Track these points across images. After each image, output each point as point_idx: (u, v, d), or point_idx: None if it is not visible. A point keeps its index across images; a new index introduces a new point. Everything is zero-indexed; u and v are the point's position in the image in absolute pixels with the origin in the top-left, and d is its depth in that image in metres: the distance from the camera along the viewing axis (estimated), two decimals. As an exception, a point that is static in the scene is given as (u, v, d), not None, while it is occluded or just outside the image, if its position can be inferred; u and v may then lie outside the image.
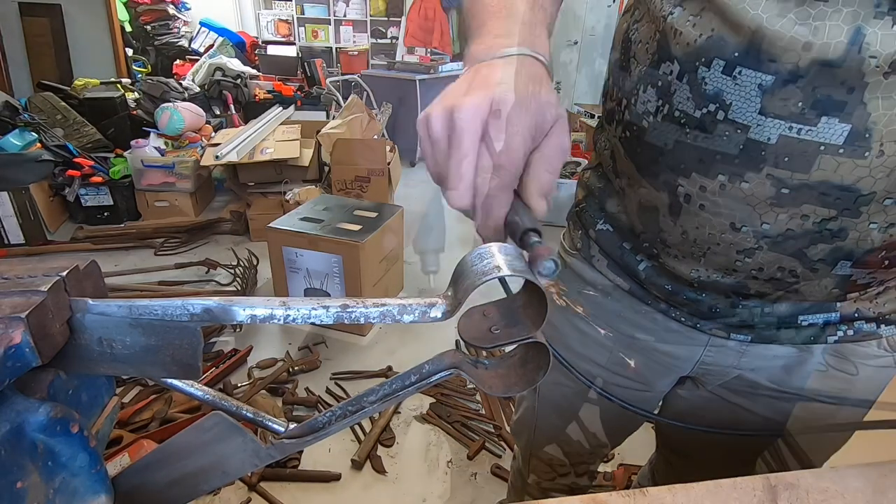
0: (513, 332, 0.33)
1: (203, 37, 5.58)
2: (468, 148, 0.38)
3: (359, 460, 1.56)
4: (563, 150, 0.40)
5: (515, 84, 0.38)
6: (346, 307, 0.31)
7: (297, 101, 4.22)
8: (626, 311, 0.67)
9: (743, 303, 0.57)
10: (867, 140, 0.41)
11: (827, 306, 0.56)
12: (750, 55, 0.42)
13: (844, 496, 0.44)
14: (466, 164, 0.38)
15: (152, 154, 3.04)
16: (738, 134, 0.44)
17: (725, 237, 0.50)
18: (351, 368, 1.96)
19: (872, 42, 0.38)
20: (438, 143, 0.40)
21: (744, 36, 0.42)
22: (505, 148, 0.37)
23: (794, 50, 0.40)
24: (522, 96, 0.38)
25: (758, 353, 0.62)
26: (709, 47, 0.44)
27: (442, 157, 0.40)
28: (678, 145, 0.49)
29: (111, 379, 0.37)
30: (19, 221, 2.71)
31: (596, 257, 0.68)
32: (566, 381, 0.79)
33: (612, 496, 0.44)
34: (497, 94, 0.37)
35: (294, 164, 2.98)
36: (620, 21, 0.58)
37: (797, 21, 0.39)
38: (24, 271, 0.30)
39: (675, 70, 0.47)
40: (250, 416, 0.38)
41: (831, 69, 0.39)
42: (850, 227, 0.45)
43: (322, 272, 2.09)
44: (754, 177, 0.45)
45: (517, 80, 0.38)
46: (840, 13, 0.38)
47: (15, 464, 0.27)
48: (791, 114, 0.42)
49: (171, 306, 0.29)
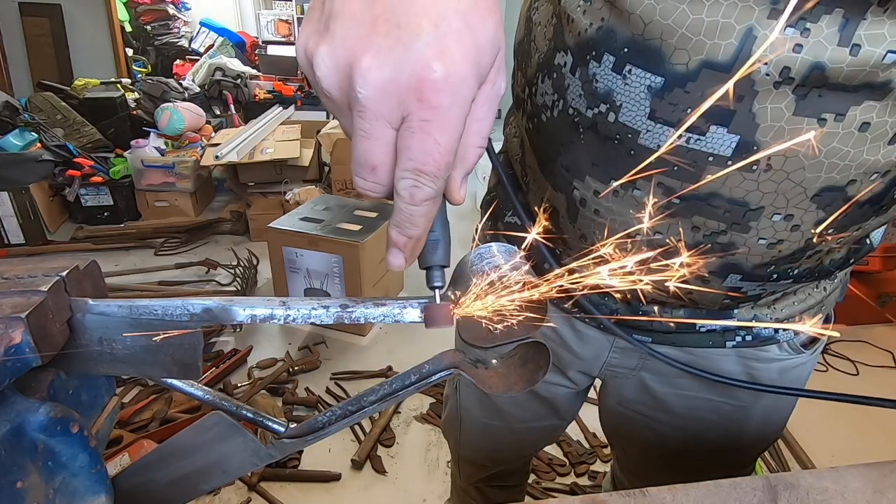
0: (513, 332, 0.33)
1: (203, 37, 5.58)
2: (376, 134, 0.27)
3: (359, 460, 1.56)
4: (497, 99, 0.30)
5: (448, 26, 0.25)
6: (346, 307, 0.31)
7: (297, 101, 4.22)
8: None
9: (643, 308, 0.57)
10: (754, 152, 0.38)
11: (725, 313, 0.56)
12: (639, 52, 0.38)
13: (844, 496, 0.44)
14: (377, 154, 0.27)
15: (152, 154, 3.04)
16: (630, 139, 0.42)
17: (620, 244, 0.49)
18: (351, 368, 1.96)
19: (762, 46, 0.34)
20: (336, 105, 0.28)
21: (634, 29, 0.38)
22: (433, 150, 0.26)
23: (683, 49, 0.37)
24: (461, 56, 0.25)
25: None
26: (599, 39, 0.40)
27: (345, 123, 0.29)
28: (572, 146, 0.46)
29: (111, 379, 0.37)
30: (19, 221, 2.71)
31: None
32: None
33: (612, 496, 0.44)
34: (421, 66, 0.25)
35: (294, 164, 2.98)
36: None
37: (690, 14, 0.35)
38: (24, 271, 0.30)
39: (568, 62, 0.43)
40: (250, 416, 0.38)
41: (720, 74, 0.36)
42: (739, 241, 0.44)
43: (322, 272, 2.09)
44: (645, 185, 0.43)
45: (450, 11, 0.25)
46: (735, 7, 0.34)
47: (15, 464, 0.27)
48: (680, 121, 0.39)
49: (171, 306, 0.29)
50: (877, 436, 1.67)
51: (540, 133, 0.50)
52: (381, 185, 0.29)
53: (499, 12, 0.28)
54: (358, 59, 0.25)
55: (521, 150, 0.59)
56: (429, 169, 0.27)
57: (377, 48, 0.25)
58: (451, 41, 0.25)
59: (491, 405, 0.80)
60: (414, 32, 0.25)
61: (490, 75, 0.28)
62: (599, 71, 0.41)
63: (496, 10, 0.27)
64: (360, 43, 0.25)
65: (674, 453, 0.72)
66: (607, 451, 1.63)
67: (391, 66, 0.25)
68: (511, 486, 1.05)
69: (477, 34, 0.26)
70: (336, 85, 0.27)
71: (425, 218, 0.29)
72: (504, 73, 0.30)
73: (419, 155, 0.27)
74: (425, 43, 0.25)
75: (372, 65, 0.25)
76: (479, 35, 0.26)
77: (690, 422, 0.68)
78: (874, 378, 1.94)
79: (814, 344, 0.63)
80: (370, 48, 0.25)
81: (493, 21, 0.27)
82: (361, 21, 0.25)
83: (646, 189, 0.44)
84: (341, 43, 0.26)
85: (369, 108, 0.26)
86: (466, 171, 0.31)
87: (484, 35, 0.26)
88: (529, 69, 0.49)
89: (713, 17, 0.35)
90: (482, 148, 0.31)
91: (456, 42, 0.25)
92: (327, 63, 0.26)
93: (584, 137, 0.45)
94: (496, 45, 0.28)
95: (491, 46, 0.27)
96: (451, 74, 0.25)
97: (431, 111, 0.26)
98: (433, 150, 0.26)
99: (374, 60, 0.25)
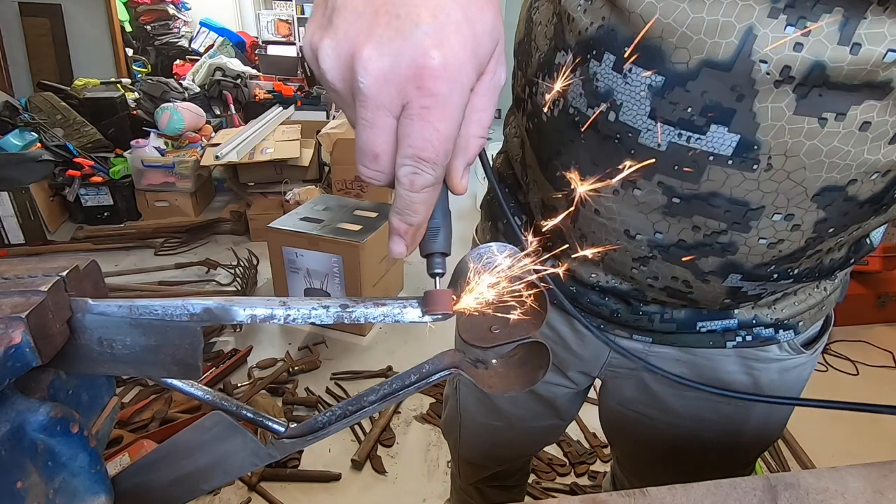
0: (513, 332, 0.33)
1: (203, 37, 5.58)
2: (377, 123, 0.27)
3: (359, 460, 1.56)
4: (498, 90, 0.30)
5: (447, 17, 0.26)
6: (346, 307, 0.31)
7: (297, 101, 4.22)
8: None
9: (643, 308, 0.57)
10: (755, 152, 0.38)
11: (725, 313, 0.56)
12: (640, 51, 0.38)
13: (844, 496, 0.44)
14: (379, 142, 0.28)
15: (152, 154, 3.03)
16: (630, 138, 0.42)
17: (621, 244, 0.49)
18: (351, 368, 1.96)
19: (763, 44, 0.34)
20: (340, 97, 0.29)
21: (635, 28, 0.38)
22: (432, 136, 0.27)
23: (683, 48, 0.37)
24: (460, 45, 0.26)
25: (662, 356, 0.63)
26: (600, 38, 0.40)
27: (349, 113, 0.29)
28: (573, 145, 0.46)
29: (111, 379, 0.37)
30: (19, 221, 2.71)
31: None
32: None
33: (612, 496, 0.44)
34: (420, 53, 0.25)
35: (294, 164, 2.98)
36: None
37: (690, 12, 0.36)
38: (24, 271, 0.30)
39: (569, 61, 0.44)
40: (250, 416, 0.38)
41: (721, 73, 0.36)
42: (739, 241, 0.44)
43: (322, 272, 2.08)
44: (646, 184, 0.43)
45: (449, 3, 0.26)
46: (735, 6, 0.34)
47: (15, 464, 0.27)
48: (680, 120, 0.39)
49: (171, 306, 0.29)
50: (877, 436, 1.68)
51: (540, 133, 0.50)
52: (383, 174, 0.30)
53: (497, 5, 0.29)
54: (359, 50, 0.26)
55: (522, 151, 0.59)
56: (428, 155, 0.27)
57: (377, 39, 0.26)
58: (450, 31, 0.26)
59: (491, 405, 0.80)
60: (413, 23, 0.25)
61: (489, 66, 0.29)
62: (600, 70, 0.41)
63: (494, 3, 0.28)
64: (362, 34, 0.26)
65: (674, 453, 0.72)
66: (607, 451, 1.63)
67: (391, 56, 0.26)
68: (511, 487, 1.05)
69: (475, 24, 0.27)
70: (339, 77, 0.27)
71: (425, 205, 0.30)
72: (504, 65, 0.30)
73: (418, 142, 0.27)
74: (424, 33, 0.25)
75: (372, 55, 0.26)
76: (476, 25, 0.27)
77: (690, 421, 0.68)
78: (874, 378, 1.94)
79: (814, 344, 0.62)
80: (371, 39, 0.26)
81: (490, 13, 0.28)
82: (363, 14, 0.26)
83: (647, 188, 0.44)
84: (343, 35, 0.26)
85: (370, 97, 0.26)
86: (468, 161, 0.32)
87: (482, 25, 0.27)
88: (530, 69, 0.49)
89: (713, 15, 0.35)
90: (483, 138, 0.31)
91: (454, 32, 0.26)
92: (330, 55, 0.27)
93: (585, 137, 0.45)
94: (494, 37, 0.28)
95: (489, 37, 0.28)
96: (450, 62, 0.26)
97: (430, 98, 0.26)
98: (432, 136, 0.27)
99: (375, 50, 0.26)
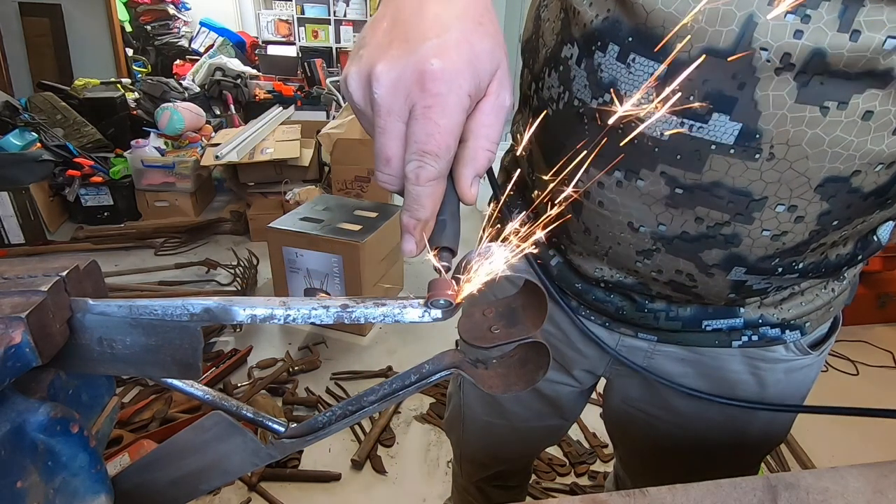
0: (512, 332, 0.33)
1: (203, 37, 5.58)
2: (389, 128, 0.31)
3: (359, 460, 1.56)
4: (503, 110, 0.33)
5: (448, 37, 0.30)
6: (346, 307, 0.30)
7: (297, 101, 4.22)
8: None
9: (649, 305, 0.57)
10: (757, 140, 0.38)
11: (731, 311, 0.56)
12: (643, 41, 0.39)
13: (844, 496, 0.44)
14: (391, 146, 0.32)
15: (152, 154, 3.03)
16: (633, 127, 0.42)
17: (625, 237, 0.49)
18: (351, 368, 1.96)
19: (763, 32, 0.35)
20: (362, 114, 0.34)
21: (638, 18, 0.39)
22: (434, 131, 0.30)
23: (685, 37, 0.37)
24: (458, 56, 0.30)
25: (667, 354, 0.62)
26: (604, 30, 0.41)
27: (369, 128, 0.34)
28: (577, 137, 0.47)
29: (111, 379, 0.37)
30: (19, 221, 2.71)
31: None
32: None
33: (612, 496, 0.44)
34: (422, 62, 0.30)
35: (294, 164, 2.98)
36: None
37: (692, 1, 0.36)
38: (24, 271, 0.30)
39: (574, 54, 0.44)
40: (250, 416, 0.38)
41: (722, 61, 0.36)
42: (742, 233, 0.44)
43: (322, 272, 2.08)
44: (649, 174, 0.44)
45: (451, 28, 0.31)
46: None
47: (15, 464, 0.27)
48: (683, 108, 0.40)
49: (171, 306, 0.29)
50: (877, 436, 1.68)
51: (546, 127, 0.51)
52: (395, 177, 0.33)
53: (499, 37, 0.33)
54: (374, 68, 0.31)
55: (528, 148, 0.59)
56: (430, 148, 0.31)
57: (389, 57, 0.31)
58: (450, 46, 0.30)
59: (494, 404, 0.80)
60: (419, 41, 0.30)
61: (492, 87, 0.33)
62: (604, 60, 0.42)
63: (497, 36, 0.32)
64: (377, 57, 0.31)
65: (677, 453, 0.72)
66: (607, 451, 1.63)
67: (399, 69, 0.30)
68: (512, 487, 1.05)
69: (474, 45, 0.31)
70: (361, 94, 0.32)
71: (431, 199, 0.32)
72: (508, 90, 0.33)
73: (421, 136, 0.31)
74: (428, 47, 0.30)
75: (384, 69, 0.31)
76: (476, 46, 0.31)
77: (695, 421, 0.68)
78: (874, 378, 1.94)
79: (821, 345, 0.62)
80: (383, 58, 0.31)
81: (490, 41, 0.32)
82: (381, 44, 0.32)
83: (650, 179, 0.44)
84: (365, 61, 0.32)
85: (382, 105, 0.31)
86: (477, 171, 0.34)
87: (481, 46, 0.31)
88: (536, 65, 0.50)
89: (714, 4, 0.35)
90: (492, 151, 0.34)
91: (454, 47, 0.30)
92: (355, 79, 0.32)
93: (589, 128, 0.45)
94: (494, 59, 0.32)
95: (488, 56, 0.32)
96: (447, 67, 0.30)
97: (432, 98, 0.30)
98: (434, 130, 0.30)
99: (386, 66, 0.31)
